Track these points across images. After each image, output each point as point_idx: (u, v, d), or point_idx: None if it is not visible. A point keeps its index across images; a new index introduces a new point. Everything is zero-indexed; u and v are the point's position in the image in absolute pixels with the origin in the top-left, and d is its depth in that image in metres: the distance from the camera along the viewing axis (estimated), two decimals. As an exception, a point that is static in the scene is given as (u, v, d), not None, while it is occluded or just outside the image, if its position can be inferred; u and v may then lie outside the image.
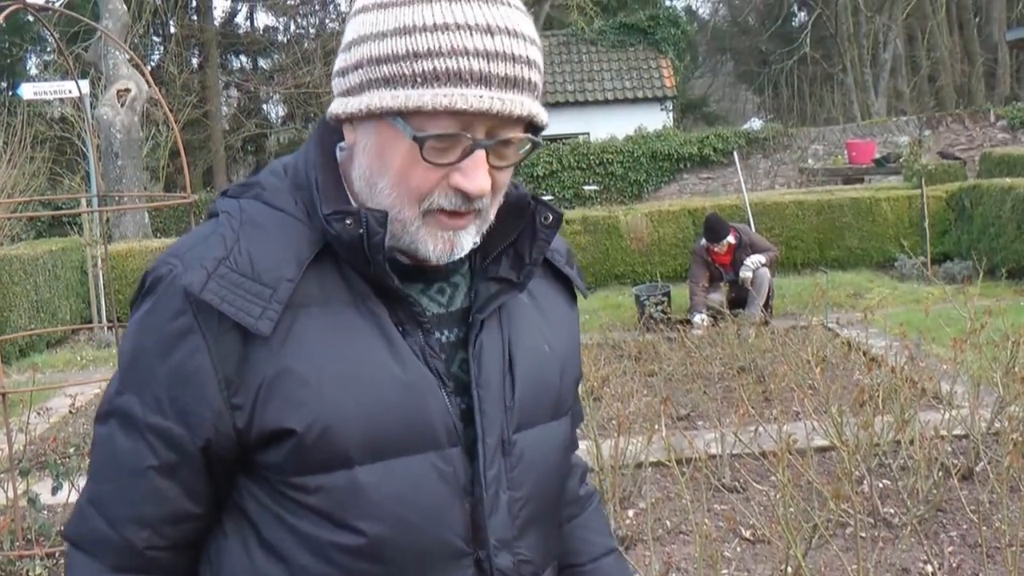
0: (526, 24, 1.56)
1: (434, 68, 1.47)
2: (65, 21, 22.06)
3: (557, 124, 29.90)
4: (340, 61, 1.60)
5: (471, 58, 1.47)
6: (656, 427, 6.31)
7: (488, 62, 1.48)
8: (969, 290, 8.11)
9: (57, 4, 24.10)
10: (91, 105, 19.60)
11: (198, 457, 1.57)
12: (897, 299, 12.67)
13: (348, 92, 1.57)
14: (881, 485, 6.28)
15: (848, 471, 5.44)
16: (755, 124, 30.91)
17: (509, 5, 1.54)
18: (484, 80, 1.48)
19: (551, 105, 30.71)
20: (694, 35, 43.04)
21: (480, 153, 1.52)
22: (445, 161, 1.52)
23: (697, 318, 11.49)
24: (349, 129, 1.62)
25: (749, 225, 14.02)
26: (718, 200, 17.10)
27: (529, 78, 1.53)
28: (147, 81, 14.99)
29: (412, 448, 1.58)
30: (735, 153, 20.72)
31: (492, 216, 1.64)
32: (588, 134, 28.54)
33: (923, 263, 14.29)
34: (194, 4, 39.56)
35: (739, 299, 11.40)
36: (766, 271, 11.58)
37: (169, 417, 1.55)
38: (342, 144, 1.67)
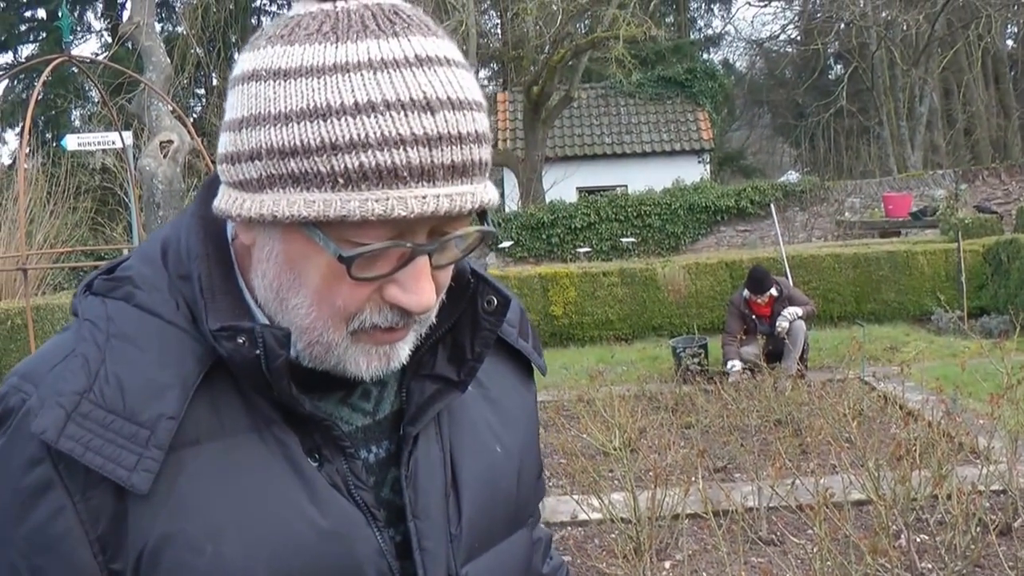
0: (467, 81, 1.21)
1: (360, 164, 1.13)
2: (109, 73, 22.31)
3: (595, 176, 30.14)
4: (228, 142, 1.24)
5: (408, 148, 1.14)
6: (693, 479, 6.33)
7: (431, 150, 1.15)
8: (1006, 345, 8.09)
9: (102, 57, 24.45)
10: (134, 156, 19.85)
11: None
12: (933, 353, 12.62)
13: (242, 185, 1.22)
14: (918, 540, 6.25)
15: (885, 525, 5.45)
16: (792, 177, 30.97)
17: (448, 63, 1.20)
18: (426, 175, 1.15)
19: (590, 157, 30.91)
20: (731, 88, 43.10)
21: (422, 260, 1.21)
22: (377, 274, 1.20)
23: (730, 365, 11.54)
24: (243, 227, 1.27)
25: (787, 277, 14.04)
26: (755, 252, 17.14)
27: (480, 158, 1.21)
28: (189, 133, 15.14)
29: None
30: (772, 206, 20.73)
31: (432, 316, 1.34)
32: (626, 186, 28.71)
33: (959, 317, 14.22)
34: (236, 57, 40.07)
35: (775, 352, 11.41)
36: (802, 324, 11.59)
37: None
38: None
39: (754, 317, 11.94)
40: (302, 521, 1.26)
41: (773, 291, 11.78)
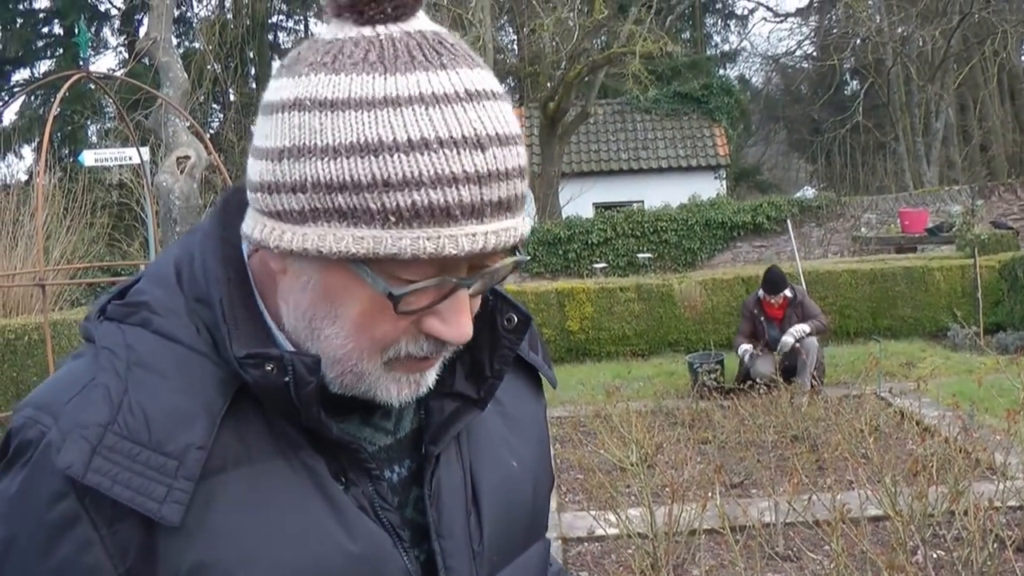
0: (510, 115, 1.21)
1: (413, 203, 1.11)
2: (126, 89, 22.39)
3: (611, 192, 30.18)
4: (265, 171, 1.20)
5: (461, 187, 1.13)
6: (710, 495, 6.35)
7: (481, 188, 1.14)
8: (1022, 360, 8.10)
9: (119, 72, 24.57)
10: (150, 172, 19.93)
11: None
12: (950, 369, 12.59)
13: (281, 216, 1.19)
14: (935, 556, 6.25)
15: (902, 541, 5.47)
16: (808, 193, 30.89)
17: (493, 97, 1.19)
18: (476, 213, 1.14)
19: (606, 173, 30.97)
20: (747, 104, 43.15)
21: (462, 294, 1.21)
22: (418, 307, 1.19)
23: (742, 349, 11.82)
24: (276, 259, 1.24)
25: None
26: (771, 268, 17.15)
27: (522, 193, 1.22)
28: (207, 148, 15.18)
29: None
30: (788, 222, 20.70)
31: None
32: (642, 202, 28.73)
33: (976, 333, 14.20)
34: (253, 72, 40.17)
35: (790, 368, 11.41)
36: (813, 340, 11.60)
37: None
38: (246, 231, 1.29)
39: (763, 319, 11.98)
40: (332, 546, 1.25)
41: (787, 292, 11.84)
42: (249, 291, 1.31)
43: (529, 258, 1.34)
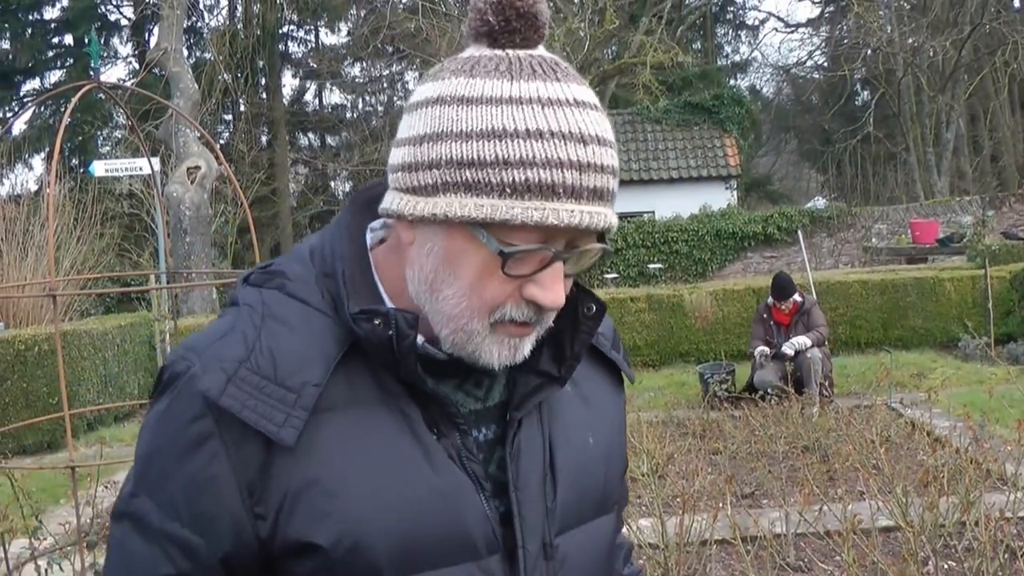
0: (607, 125, 1.48)
1: (526, 179, 1.37)
2: (137, 99, 22.48)
3: (622, 202, 29.81)
4: (407, 154, 1.47)
5: (565, 170, 1.38)
6: (721, 505, 6.36)
7: (580, 174, 1.39)
8: (1033, 372, 8.11)
9: (129, 83, 24.62)
10: (161, 182, 19.97)
11: (216, 568, 1.47)
12: (961, 379, 12.60)
13: (416, 191, 1.45)
14: (946, 567, 6.25)
15: (913, 552, 5.48)
16: (819, 203, 30.91)
17: (596, 109, 1.46)
18: (575, 194, 1.39)
19: (615, 183, 30.90)
20: (758, 114, 43.07)
21: (559, 265, 1.44)
22: (523, 272, 1.42)
23: (758, 351, 11.83)
24: (406, 226, 1.49)
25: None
26: (782, 279, 17.14)
27: (613, 188, 1.46)
28: (217, 158, 15.22)
29: (448, 559, 1.49)
30: (799, 232, 20.76)
31: (551, 320, 1.54)
32: (653, 212, 28.67)
33: (987, 343, 14.19)
34: (264, 83, 40.22)
35: (800, 379, 11.41)
36: (817, 351, 11.59)
37: (186, 525, 1.45)
38: (373, 225, 1.62)
39: (772, 324, 12.02)
40: (420, 482, 1.47)
41: (797, 297, 11.90)
42: (368, 268, 1.57)
43: (614, 250, 1.52)
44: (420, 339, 1.49)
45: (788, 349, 11.56)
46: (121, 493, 1.54)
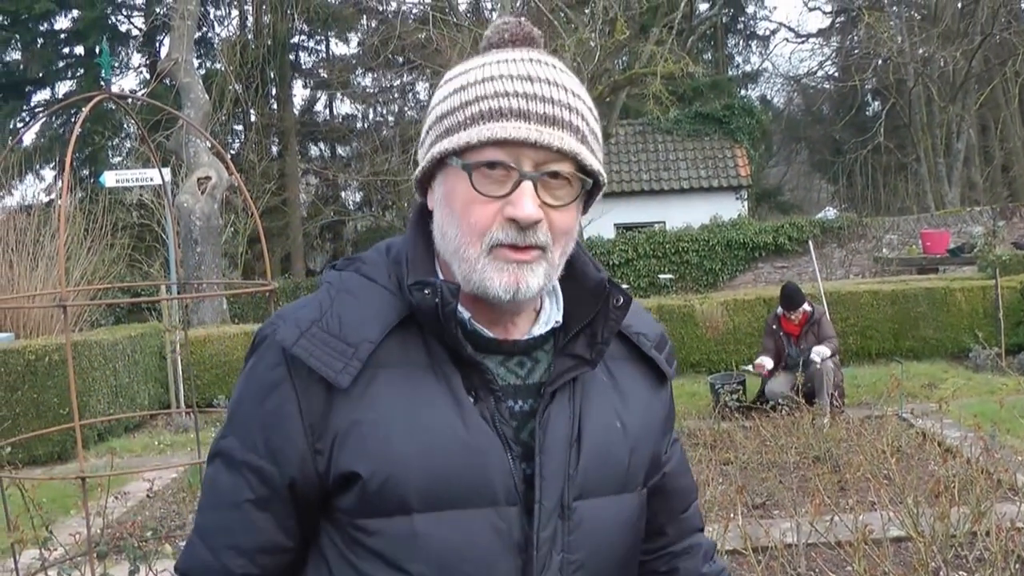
0: (570, 81, 1.73)
1: (479, 110, 1.67)
2: (147, 110, 22.51)
3: (633, 213, 30.09)
4: (421, 136, 1.82)
5: (511, 98, 1.66)
6: (732, 515, 6.36)
7: (527, 101, 1.66)
8: (1044, 382, 8.10)
9: (140, 93, 24.65)
10: (171, 192, 19.95)
11: (286, 494, 1.72)
12: (971, 390, 12.57)
13: (424, 156, 1.77)
14: (957, 576, 6.28)
15: (924, 562, 5.47)
16: (830, 213, 30.90)
17: (555, 67, 1.73)
18: (523, 115, 1.65)
19: (627, 194, 30.93)
20: (769, 124, 43.01)
21: (527, 184, 1.65)
22: (497, 193, 1.66)
23: (759, 359, 11.93)
24: (430, 195, 1.80)
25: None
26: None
27: (569, 120, 1.68)
28: (228, 169, 15.19)
29: (470, 503, 1.67)
30: (810, 242, 20.74)
31: (559, 263, 1.76)
32: (664, 223, 28.71)
33: (997, 354, 14.19)
34: (274, 93, 40.21)
35: (810, 390, 11.40)
36: (829, 362, 11.58)
37: (263, 456, 1.71)
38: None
39: (782, 334, 12.00)
40: (453, 433, 1.68)
41: (806, 307, 11.88)
42: (430, 252, 1.81)
43: (598, 189, 1.83)
44: (467, 314, 1.74)
45: (816, 357, 11.52)
46: (214, 440, 1.82)
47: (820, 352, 11.55)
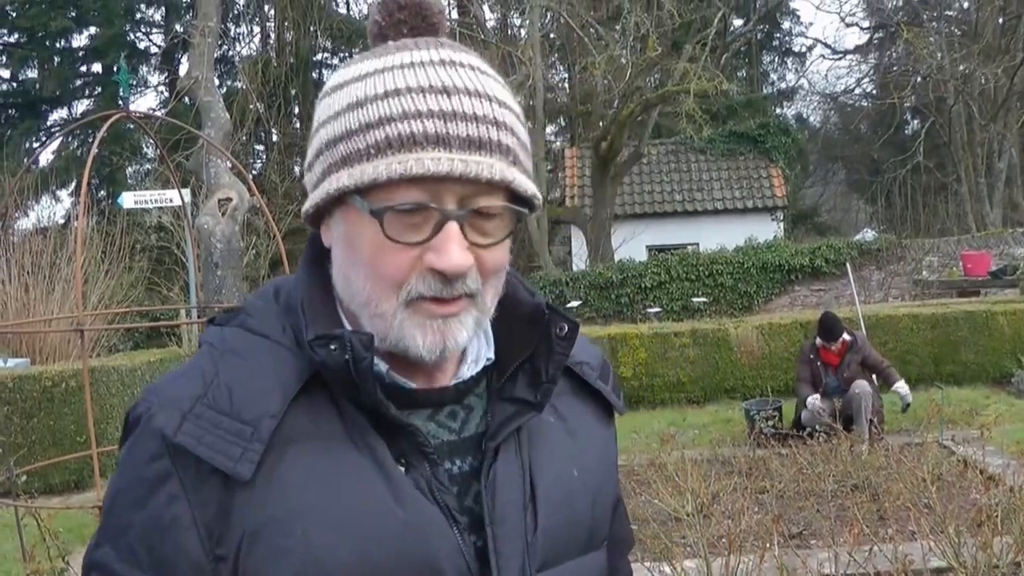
0: (493, 86, 1.43)
1: (386, 136, 1.35)
2: (167, 129, 22.56)
3: (665, 234, 30.10)
4: (307, 156, 1.50)
5: (426, 120, 1.35)
6: (768, 545, 6.27)
7: (446, 123, 1.35)
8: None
9: (159, 112, 24.75)
10: (191, 214, 19.96)
11: None
12: (1014, 416, 12.42)
13: (313, 187, 1.46)
14: (1001, 610, 6.13)
15: (966, 595, 5.34)
16: (868, 235, 30.80)
17: (472, 68, 1.42)
18: (441, 141, 1.35)
19: (660, 215, 30.89)
20: (805, 143, 43.06)
21: (451, 225, 1.37)
22: (413, 239, 1.38)
23: (810, 401, 11.44)
24: (326, 230, 1.49)
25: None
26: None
27: (498, 140, 1.39)
28: (250, 189, 15.17)
29: None
30: (847, 265, 20.65)
31: (490, 305, 1.48)
32: (697, 244, 28.67)
33: (1041, 379, 14.03)
34: (297, 112, 40.44)
35: (848, 416, 11.23)
36: (867, 387, 11.39)
37: (147, 571, 1.39)
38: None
39: (820, 364, 11.80)
40: (386, 515, 1.39)
41: (846, 336, 11.66)
42: (329, 296, 1.52)
43: (532, 212, 1.50)
44: (384, 367, 1.46)
45: (901, 389, 11.45)
46: (88, 546, 1.50)
47: (901, 388, 11.42)
